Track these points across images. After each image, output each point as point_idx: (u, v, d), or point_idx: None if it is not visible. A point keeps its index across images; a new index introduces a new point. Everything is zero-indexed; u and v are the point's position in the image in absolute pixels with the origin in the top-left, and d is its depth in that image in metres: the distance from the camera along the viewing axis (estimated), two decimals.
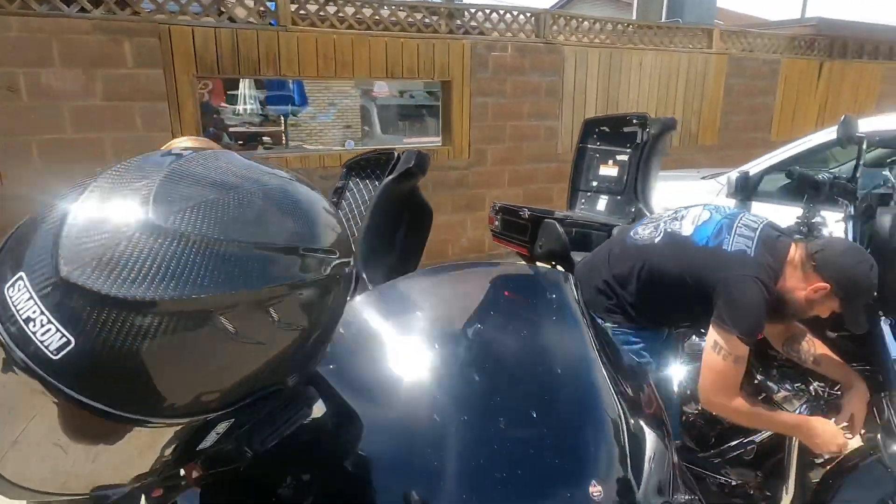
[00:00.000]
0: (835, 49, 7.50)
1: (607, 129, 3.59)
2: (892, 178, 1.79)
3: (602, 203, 3.59)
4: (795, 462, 1.89)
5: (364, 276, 2.41)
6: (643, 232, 1.90)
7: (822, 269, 1.65)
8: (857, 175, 1.82)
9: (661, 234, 1.84)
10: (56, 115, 3.78)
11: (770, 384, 2.03)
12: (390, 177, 2.48)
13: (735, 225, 1.75)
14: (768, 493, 1.97)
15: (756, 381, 2.08)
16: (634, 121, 3.39)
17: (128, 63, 3.88)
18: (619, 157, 3.53)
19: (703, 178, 4.06)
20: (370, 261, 2.46)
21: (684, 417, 2.32)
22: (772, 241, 1.73)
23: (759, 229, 1.75)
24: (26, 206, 0.60)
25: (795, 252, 1.72)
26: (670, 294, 1.79)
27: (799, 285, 1.68)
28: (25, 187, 3.70)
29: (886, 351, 1.79)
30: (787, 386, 2.01)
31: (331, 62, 4.57)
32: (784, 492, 1.92)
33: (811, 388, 1.94)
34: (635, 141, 3.40)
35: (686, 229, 1.80)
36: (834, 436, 1.69)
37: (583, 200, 3.69)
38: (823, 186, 1.80)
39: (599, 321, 1.91)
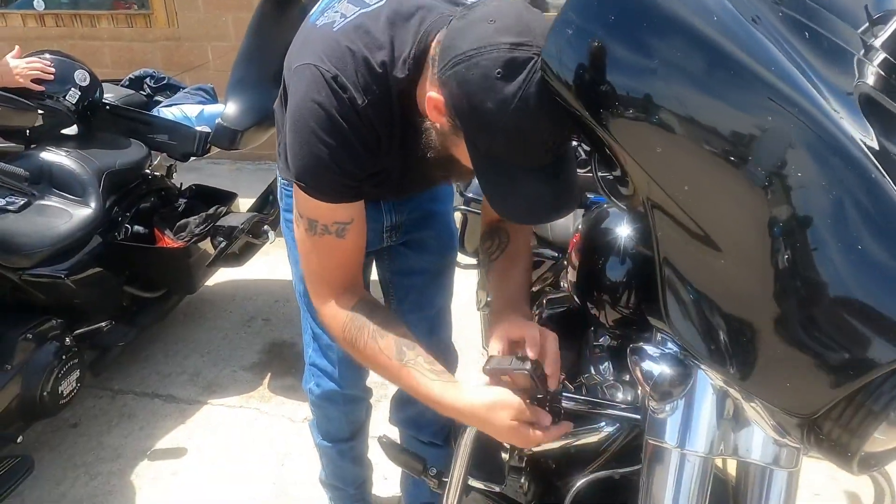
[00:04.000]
0: None
1: None
2: None
3: None
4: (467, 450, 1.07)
5: (226, 106, 2.17)
6: None
7: (440, 63, 0.82)
8: None
9: None
10: None
11: None
12: None
13: None
14: None
15: None
16: None
17: None
18: None
19: None
20: (238, 90, 2.18)
21: None
22: (399, 15, 0.93)
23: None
24: (196, 47, 0.61)
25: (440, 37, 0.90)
26: None
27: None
28: (194, 31, 4.33)
29: None
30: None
31: None
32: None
33: None
34: None
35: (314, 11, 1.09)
36: (512, 430, 0.87)
37: None
38: None
39: (278, 175, 1.35)
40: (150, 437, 2.01)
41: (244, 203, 2.52)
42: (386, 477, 1.80)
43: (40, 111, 2.02)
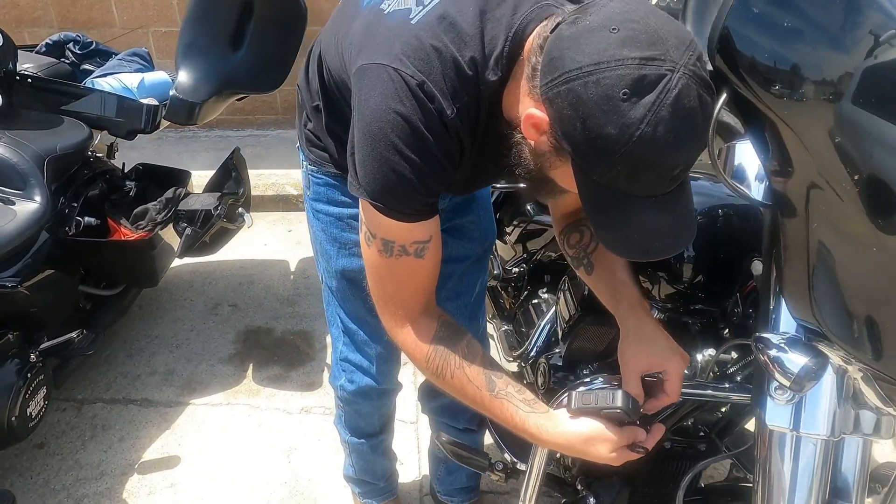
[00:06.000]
0: None
1: None
2: None
3: None
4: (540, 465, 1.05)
5: (177, 76, 1.94)
6: None
7: (545, 75, 0.70)
8: None
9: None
10: None
11: None
12: None
13: None
14: None
15: None
16: None
17: None
18: None
19: None
20: (190, 57, 1.95)
21: None
22: (489, 2, 0.80)
23: None
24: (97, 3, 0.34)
25: (539, 37, 0.76)
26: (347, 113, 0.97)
27: (521, 106, 0.78)
28: None
29: None
30: None
31: None
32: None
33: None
34: None
35: None
36: (612, 459, 0.85)
37: None
38: None
39: (302, 160, 1.20)
40: (134, 448, 1.83)
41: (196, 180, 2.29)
42: (402, 462, 1.75)
43: None
